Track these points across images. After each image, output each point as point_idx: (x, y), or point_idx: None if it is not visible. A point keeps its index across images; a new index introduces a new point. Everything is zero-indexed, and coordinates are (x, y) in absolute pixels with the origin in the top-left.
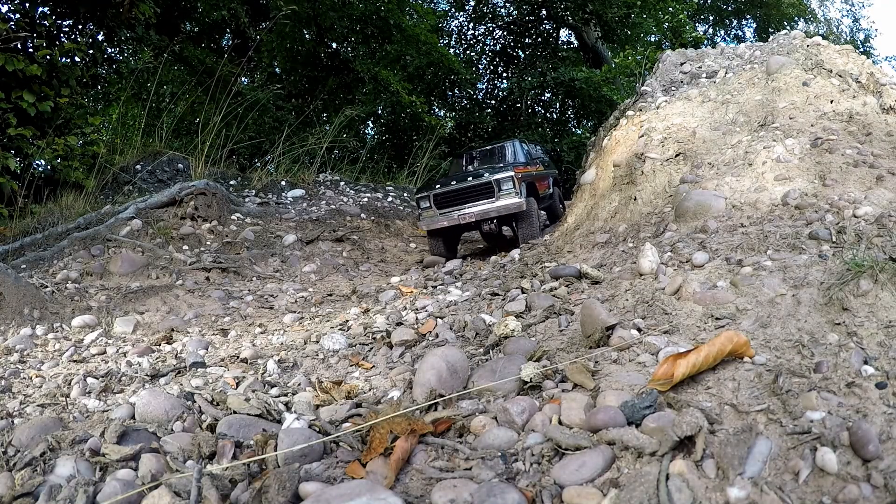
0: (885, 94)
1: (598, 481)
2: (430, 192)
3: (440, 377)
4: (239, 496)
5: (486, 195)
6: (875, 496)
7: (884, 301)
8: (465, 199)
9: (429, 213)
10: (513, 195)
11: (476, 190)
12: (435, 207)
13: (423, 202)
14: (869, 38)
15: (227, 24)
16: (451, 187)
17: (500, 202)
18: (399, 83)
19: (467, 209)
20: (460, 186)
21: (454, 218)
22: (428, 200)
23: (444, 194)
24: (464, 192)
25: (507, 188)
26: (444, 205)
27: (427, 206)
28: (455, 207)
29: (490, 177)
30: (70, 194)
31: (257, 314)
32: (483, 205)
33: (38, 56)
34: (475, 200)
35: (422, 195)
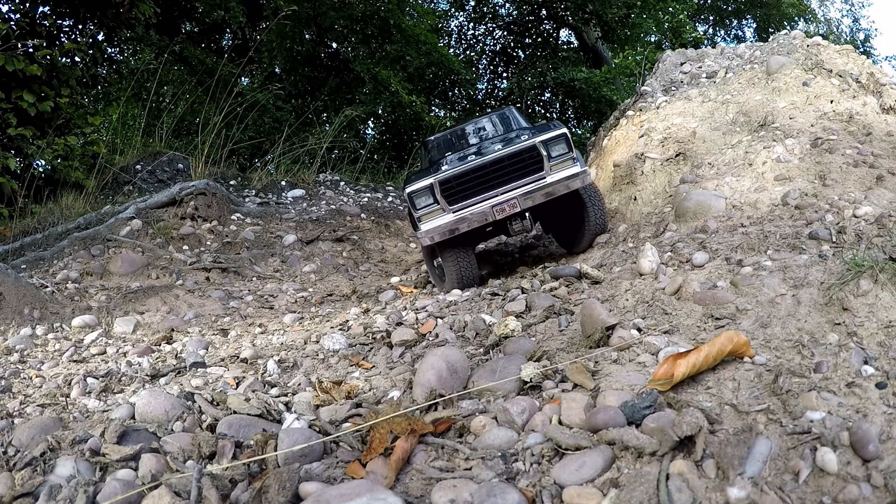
0: (885, 94)
1: (598, 481)
2: (431, 178)
3: (440, 377)
4: (239, 496)
5: (528, 168)
6: (875, 496)
7: (884, 301)
8: (495, 179)
9: (431, 213)
10: (570, 163)
11: (511, 163)
12: (444, 201)
13: (420, 198)
14: (869, 38)
15: (227, 24)
16: (467, 165)
17: (554, 175)
18: (399, 83)
19: (502, 194)
20: (484, 161)
21: (482, 212)
22: (429, 193)
23: (460, 177)
24: (491, 170)
25: (562, 153)
26: (459, 194)
27: (428, 202)
28: (479, 196)
29: (533, 138)
30: (70, 194)
31: (257, 314)
32: (527, 183)
33: (38, 56)
34: (512, 179)
35: (418, 187)
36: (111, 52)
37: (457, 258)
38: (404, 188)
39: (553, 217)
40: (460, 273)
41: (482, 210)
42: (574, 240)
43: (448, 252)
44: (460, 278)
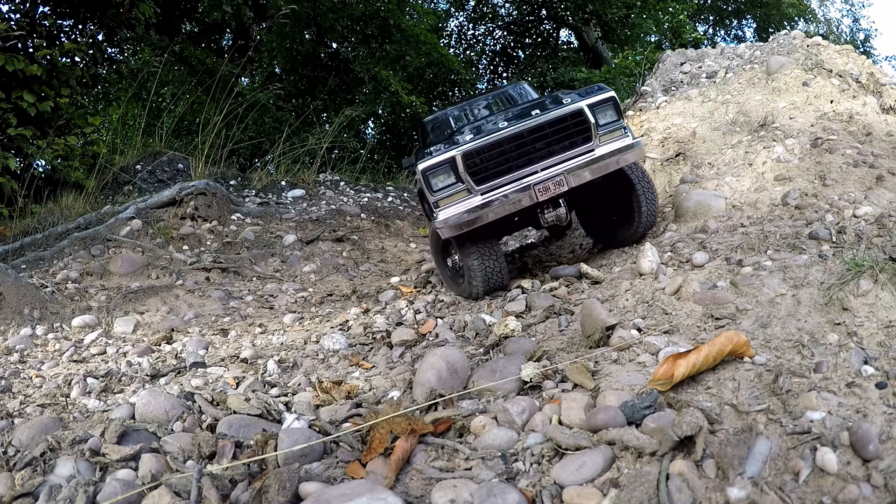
0: (885, 94)
1: (598, 481)
2: (453, 150)
3: (440, 377)
4: (239, 496)
5: (573, 138)
6: (875, 496)
7: (884, 301)
8: (533, 152)
9: (452, 195)
10: (620, 132)
11: (554, 131)
12: (470, 180)
13: (438, 177)
14: (869, 38)
15: (228, 24)
16: (499, 134)
17: (604, 147)
18: (399, 83)
19: (544, 170)
20: (521, 128)
21: (519, 193)
22: (450, 170)
23: (491, 149)
24: (530, 140)
25: (611, 120)
26: (489, 171)
27: (448, 181)
28: (513, 173)
29: (578, 101)
30: (70, 194)
31: (257, 314)
32: (572, 157)
33: (39, 56)
34: (554, 152)
35: (435, 162)
36: (111, 52)
37: (483, 255)
38: (415, 164)
39: (591, 205)
40: (488, 275)
41: (520, 190)
42: (617, 234)
43: (471, 248)
44: (488, 281)
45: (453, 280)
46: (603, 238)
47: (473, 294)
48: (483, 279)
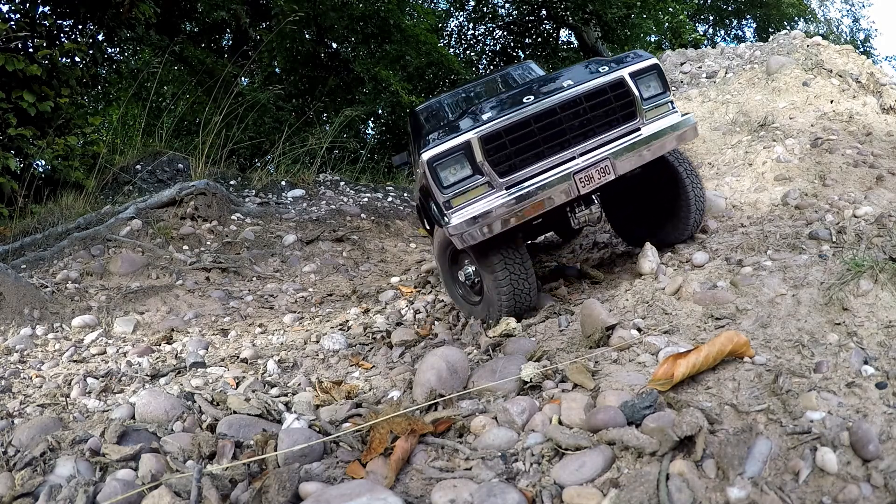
0: (885, 94)
1: (598, 481)
2: (468, 133)
3: (440, 377)
4: (239, 496)
5: (614, 115)
6: (875, 496)
7: (884, 301)
8: (567, 133)
9: (469, 192)
10: (667, 108)
11: (591, 105)
12: (492, 170)
13: (449, 168)
14: (869, 38)
15: (227, 24)
16: (526, 110)
17: (651, 125)
18: (399, 83)
19: (582, 155)
20: (551, 103)
21: (557, 186)
22: (465, 159)
23: (518, 129)
24: (564, 117)
25: (656, 93)
26: (515, 158)
27: (463, 174)
28: (544, 161)
29: (618, 69)
30: (70, 194)
31: (257, 314)
32: (615, 139)
33: (39, 56)
34: (591, 133)
35: (444, 149)
36: (111, 52)
37: (510, 266)
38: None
39: (623, 201)
40: (516, 291)
41: (557, 181)
42: (658, 234)
43: (493, 256)
44: (516, 298)
45: (466, 299)
46: (639, 239)
47: (496, 316)
48: (510, 296)
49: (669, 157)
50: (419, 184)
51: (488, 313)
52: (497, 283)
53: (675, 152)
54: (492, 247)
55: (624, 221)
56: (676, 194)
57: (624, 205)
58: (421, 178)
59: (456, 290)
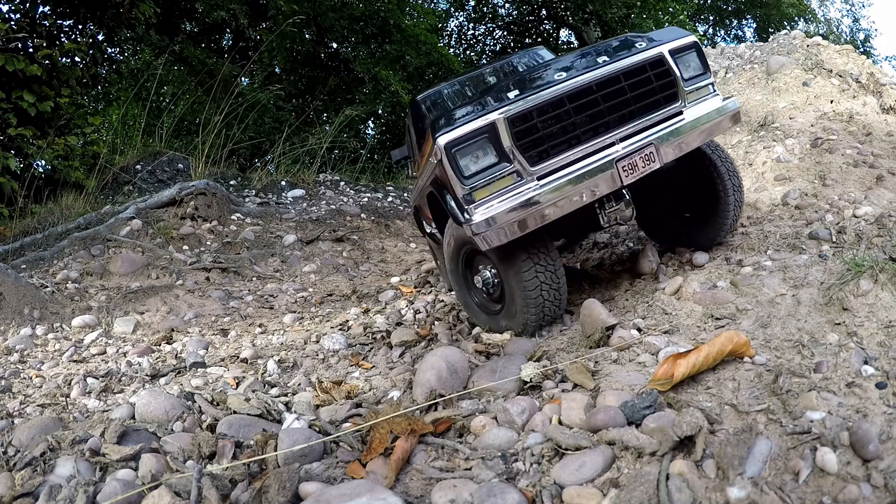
0: (885, 94)
1: (598, 481)
2: (494, 114)
3: (440, 377)
4: (239, 496)
5: (653, 97)
6: (875, 496)
7: (884, 301)
8: (603, 116)
9: (494, 183)
10: (708, 90)
11: (631, 84)
12: (522, 157)
13: (470, 154)
14: (869, 38)
15: (227, 24)
16: (558, 88)
17: (695, 108)
18: (399, 83)
19: (623, 141)
20: (587, 80)
21: (596, 175)
22: (489, 144)
23: (550, 109)
24: (601, 96)
25: (697, 73)
26: (547, 142)
27: (488, 162)
28: (579, 147)
29: (656, 45)
30: (70, 194)
31: (257, 314)
32: (655, 123)
33: (39, 56)
34: (628, 116)
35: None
36: (111, 52)
37: (540, 271)
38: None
39: (655, 196)
40: (545, 300)
41: (597, 170)
42: (693, 233)
43: (520, 257)
44: (545, 308)
45: (483, 308)
46: (671, 238)
47: (523, 328)
48: (538, 304)
49: (706, 148)
50: (427, 176)
51: (511, 324)
52: (524, 290)
53: (711, 142)
54: (518, 247)
55: (653, 220)
56: (714, 190)
57: (654, 202)
58: (432, 169)
59: (470, 297)
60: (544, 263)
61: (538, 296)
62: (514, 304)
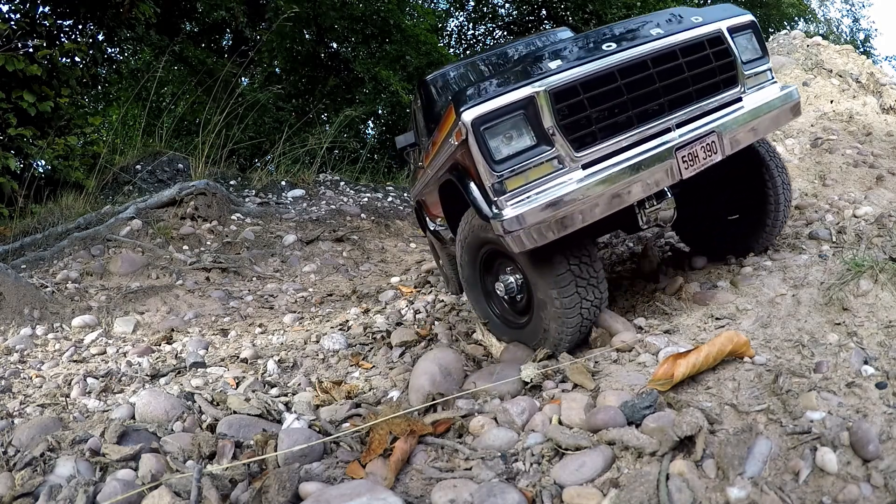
0: (885, 94)
1: (598, 481)
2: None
3: (434, 381)
4: (239, 496)
5: (710, 80)
6: (875, 496)
7: (884, 301)
8: (656, 98)
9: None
10: (766, 76)
11: (689, 62)
12: (565, 140)
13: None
14: (869, 38)
15: (227, 24)
16: (608, 60)
17: (756, 96)
18: (399, 83)
19: (680, 128)
20: (641, 53)
21: (655, 166)
22: (526, 122)
23: (599, 84)
24: (657, 73)
25: (755, 57)
26: (595, 124)
27: (523, 143)
28: (635, 129)
29: (713, 21)
30: (70, 194)
31: (257, 314)
32: (716, 110)
33: (39, 56)
34: (681, 101)
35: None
36: (111, 52)
37: (579, 277)
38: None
39: (697, 196)
40: (584, 309)
41: (655, 160)
42: (736, 239)
43: (558, 264)
44: (583, 319)
45: (505, 319)
46: (712, 244)
47: (553, 348)
48: (576, 315)
49: (760, 148)
50: (443, 162)
51: (540, 339)
52: (560, 305)
53: (767, 144)
54: (556, 251)
55: (692, 223)
56: (763, 191)
57: (694, 202)
58: (450, 152)
59: (489, 307)
60: (586, 275)
61: (577, 314)
62: (545, 318)
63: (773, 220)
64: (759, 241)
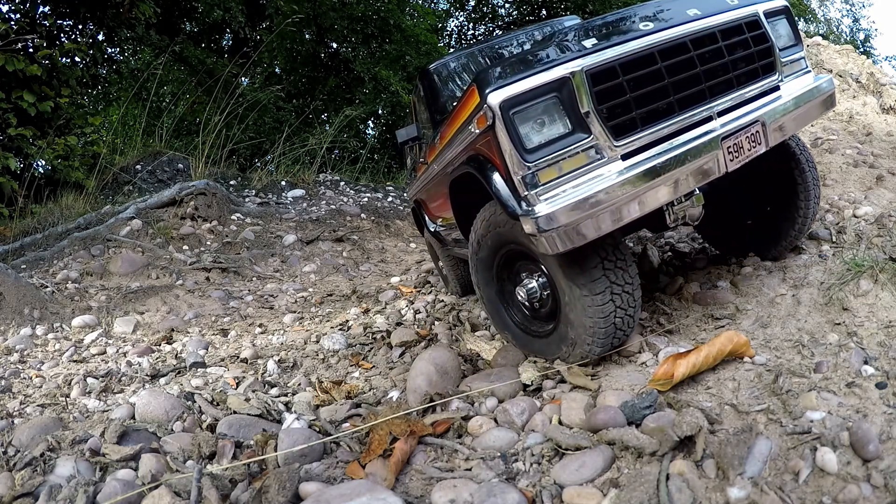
0: (885, 94)
1: (599, 481)
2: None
3: (430, 381)
4: (239, 496)
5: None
6: (875, 496)
7: (884, 301)
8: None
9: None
10: (800, 65)
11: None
12: (604, 127)
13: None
14: (869, 38)
15: (227, 24)
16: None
17: (793, 84)
18: (399, 83)
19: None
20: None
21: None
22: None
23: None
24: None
25: (790, 44)
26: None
27: (557, 130)
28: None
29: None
30: (70, 194)
31: (257, 314)
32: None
33: (39, 56)
34: (720, 88)
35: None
36: (111, 52)
37: (614, 281)
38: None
39: (722, 193)
40: (618, 317)
41: (701, 150)
42: (763, 238)
43: (592, 266)
44: (616, 328)
45: (526, 328)
46: (735, 244)
47: (583, 353)
48: (609, 334)
49: (792, 143)
50: (456, 153)
51: (565, 351)
52: (594, 307)
53: (798, 139)
54: (591, 253)
55: (716, 222)
56: (792, 187)
57: (719, 199)
58: (469, 141)
59: (507, 314)
60: (621, 280)
61: (610, 324)
62: (573, 328)
63: (803, 219)
64: (785, 241)
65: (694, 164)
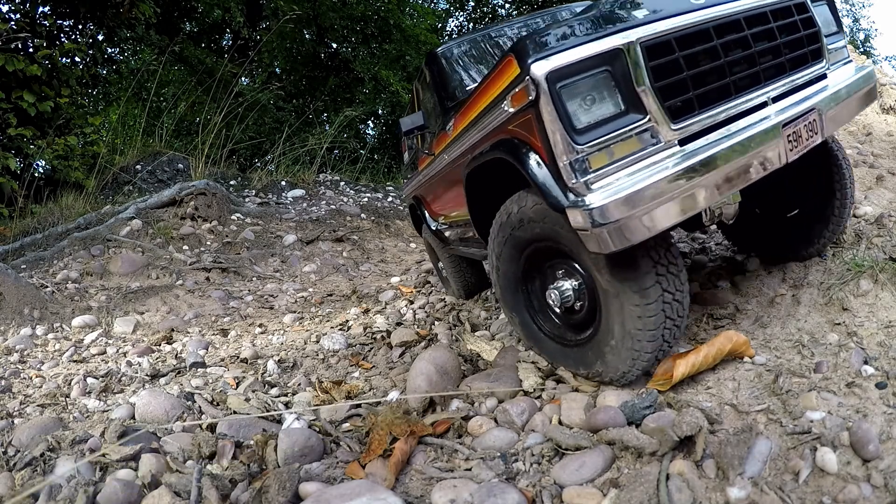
0: (885, 94)
1: (598, 481)
2: (627, 33)
3: (430, 381)
4: (239, 496)
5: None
6: (875, 496)
7: (884, 301)
8: (758, 63)
9: (618, 142)
10: (842, 54)
11: (781, 28)
12: (661, 108)
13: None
14: (869, 38)
15: (227, 24)
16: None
17: (839, 73)
18: (399, 83)
19: (777, 103)
20: (735, 10)
21: (768, 145)
22: (611, 82)
23: (693, 41)
24: (752, 36)
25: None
26: (694, 89)
27: (608, 109)
28: (734, 100)
29: None
30: (70, 194)
31: (257, 314)
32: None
33: (39, 56)
34: (780, 71)
35: (586, 55)
36: (111, 52)
37: (668, 301)
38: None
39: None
40: (667, 326)
41: (764, 136)
42: (797, 236)
43: (644, 268)
44: (658, 352)
45: (557, 336)
46: (767, 246)
47: (622, 375)
48: (656, 347)
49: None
50: (479, 136)
51: (603, 364)
52: (644, 315)
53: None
54: (641, 254)
55: (746, 221)
56: (829, 188)
57: (752, 198)
58: (500, 121)
59: (534, 321)
60: (673, 287)
61: (658, 336)
62: (615, 337)
63: (837, 219)
64: (819, 242)
65: (760, 151)
